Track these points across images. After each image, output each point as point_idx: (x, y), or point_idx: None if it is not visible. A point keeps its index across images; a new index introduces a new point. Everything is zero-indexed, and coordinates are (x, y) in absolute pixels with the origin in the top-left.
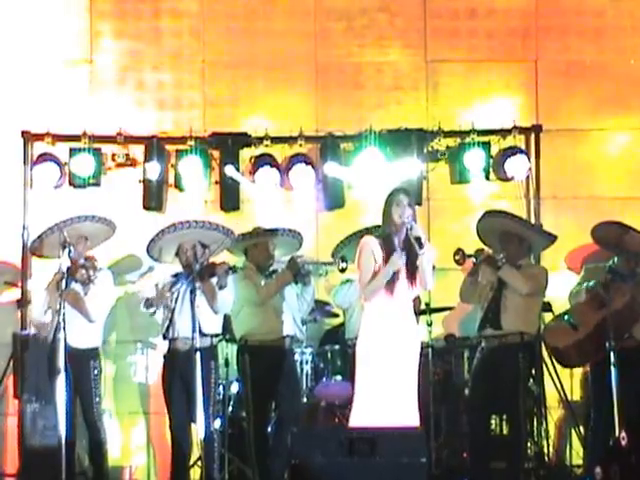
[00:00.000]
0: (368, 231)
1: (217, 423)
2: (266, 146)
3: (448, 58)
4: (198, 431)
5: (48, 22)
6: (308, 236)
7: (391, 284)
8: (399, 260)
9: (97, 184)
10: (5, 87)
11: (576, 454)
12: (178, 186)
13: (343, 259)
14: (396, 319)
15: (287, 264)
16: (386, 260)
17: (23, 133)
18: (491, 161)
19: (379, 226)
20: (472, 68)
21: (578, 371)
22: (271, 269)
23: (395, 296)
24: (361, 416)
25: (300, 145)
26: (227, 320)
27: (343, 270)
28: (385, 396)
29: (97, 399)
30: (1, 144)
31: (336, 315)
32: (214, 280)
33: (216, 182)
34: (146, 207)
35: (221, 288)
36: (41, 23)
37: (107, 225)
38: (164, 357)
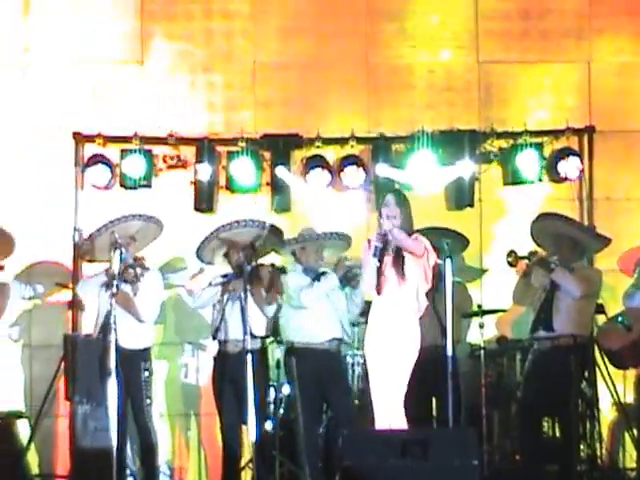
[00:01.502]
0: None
1: (268, 425)
2: (317, 147)
3: (500, 59)
4: (249, 433)
5: (99, 24)
6: (359, 238)
7: (378, 282)
8: (371, 258)
9: (148, 185)
10: (57, 89)
11: (629, 457)
12: (229, 188)
13: None
14: (384, 316)
15: (335, 267)
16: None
17: (74, 135)
18: (544, 162)
19: (433, 227)
20: (525, 69)
21: (632, 373)
22: (320, 271)
23: (383, 294)
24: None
25: (351, 146)
26: (277, 322)
27: None
28: (373, 394)
29: (148, 401)
30: (53, 146)
31: None
32: (261, 282)
33: (267, 183)
34: (197, 209)
35: (268, 291)
36: (92, 25)
37: (155, 224)
38: (214, 359)
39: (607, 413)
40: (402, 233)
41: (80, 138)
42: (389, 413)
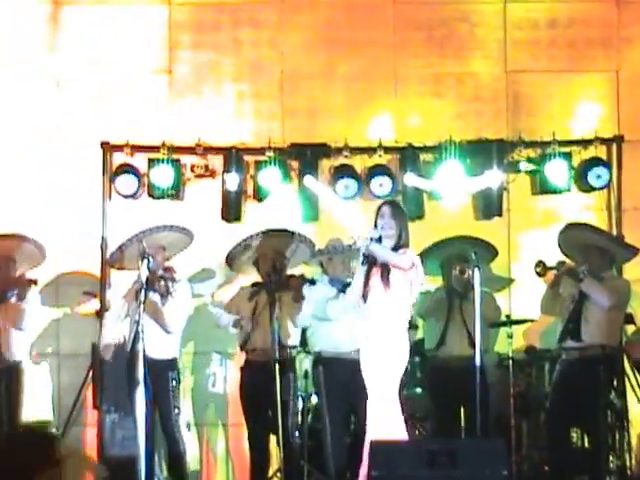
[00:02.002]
0: (449, 242)
1: (296, 434)
2: (345, 157)
3: (528, 68)
4: (277, 443)
5: (127, 33)
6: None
7: (364, 291)
8: (359, 271)
9: (176, 195)
10: (85, 98)
11: None
12: (257, 197)
13: None
14: (370, 325)
15: None
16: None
17: (102, 144)
18: (572, 172)
19: (462, 237)
20: (553, 78)
21: None
22: (347, 281)
23: (368, 302)
24: None
25: (380, 156)
26: (305, 332)
27: None
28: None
29: (176, 410)
30: (81, 155)
31: (416, 327)
32: (290, 292)
33: (295, 193)
34: (225, 218)
35: (297, 301)
36: (120, 34)
37: (185, 234)
38: (242, 369)
39: (636, 424)
40: (380, 248)
41: (108, 147)
42: (382, 422)
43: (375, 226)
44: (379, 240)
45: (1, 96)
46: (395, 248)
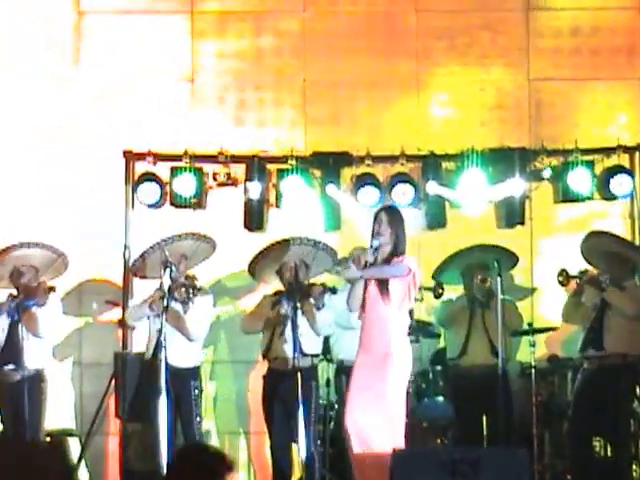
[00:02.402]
0: (470, 250)
1: (318, 443)
2: (367, 165)
3: (551, 76)
4: (299, 451)
5: (150, 42)
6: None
7: (362, 301)
8: (350, 273)
9: (199, 204)
10: (107, 106)
11: None
12: (279, 206)
13: (440, 285)
14: (366, 335)
15: None
16: None
17: (125, 153)
18: (595, 180)
19: (483, 245)
20: (576, 86)
21: None
22: None
23: (367, 313)
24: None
25: (402, 164)
26: (327, 340)
27: (439, 296)
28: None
29: (198, 419)
30: (103, 163)
31: (438, 335)
32: (311, 301)
33: (317, 202)
34: (247, 227)
35: (319, 309)
36: (142, 43)
37: (207, 243)
38: (264, 377)
39: None
40: (376, 270)
41: (131, 156)
42: (373, 431)
43: (372, 233)
44: (377, 249)
45: (23, 102)
46: (392, 254)
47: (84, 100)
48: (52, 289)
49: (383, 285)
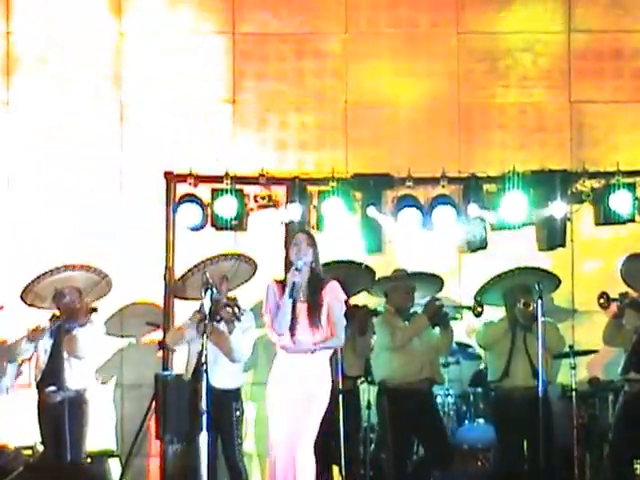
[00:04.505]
0: (512, 273)
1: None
2: (409, 187)
3: (593, 99)
4: (340, 473)
5: (191, 63)
6: (451, 278)
7: (291, 329)
8: (286, 303)
9: (240, 226)
10: (149, 128)
11: None
12: (320, 227)
13: (480, 304)
14: (289, 368)
15: (424, 307)
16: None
17: (166, 174)
18: (637, 203)
19: (525, 268)
20: (617, 109)
21: None
22: (411, 311)
23: (296, 341)
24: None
25: (443, 186)
26: (368, 363)
27: (479, 315)
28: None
29: (239, 440)
30: (145, 185)
31: (479, 357)
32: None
33: (358, 223)
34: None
35: (363, 334)
36: (184, 65)
37: (248, 264)
38: None
39: None
40: (328, 343)
41: (172, 177)
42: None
43: (290, 254)
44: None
45: (65, 125)
46: (312, 279)
47: (125, 121)
48: (94, 310)
49: (315, 316)
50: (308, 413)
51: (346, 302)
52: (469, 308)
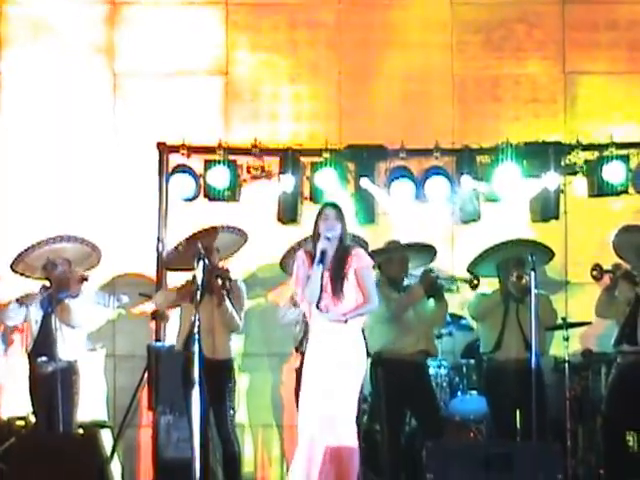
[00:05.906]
0: (505, 245)
1: None
2: (402, 159)
3: (587, 70)
4: None
5: (183, 35)
6: (444, 249)
7: (318, 300)
8: (316, 271)
9: (233, 197)
10: (141, 99)
11: None
12: (313, 199)
13: (475, 276)
14: (322, 334)
15: (419, 279)
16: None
17: (158, 145)
18: (630, 174)
19: (518, 240)
20: (612, 80)
21: None
22: (405, 283)
23: (323, 309)
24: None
25: (436, 158)
26: (363, 332)
27: (475, 287)
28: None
29: (231, 412)
30: (137, 156)
31: (472, 329)
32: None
33: (351, 195)
34: (280, 220)
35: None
36: (176, 36)
37: (239, 235)
38: (297, 370)
39: None
40: (361, 310)
41: (164, 148)
42: (335, 428)
43: (318, 229)
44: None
45: (58, 96)
46: (339, 248)
47: (117, 92)
48: (85, 279)
49: (338, 287)
50: (343, 385)
51: None
52: (465, 281)
